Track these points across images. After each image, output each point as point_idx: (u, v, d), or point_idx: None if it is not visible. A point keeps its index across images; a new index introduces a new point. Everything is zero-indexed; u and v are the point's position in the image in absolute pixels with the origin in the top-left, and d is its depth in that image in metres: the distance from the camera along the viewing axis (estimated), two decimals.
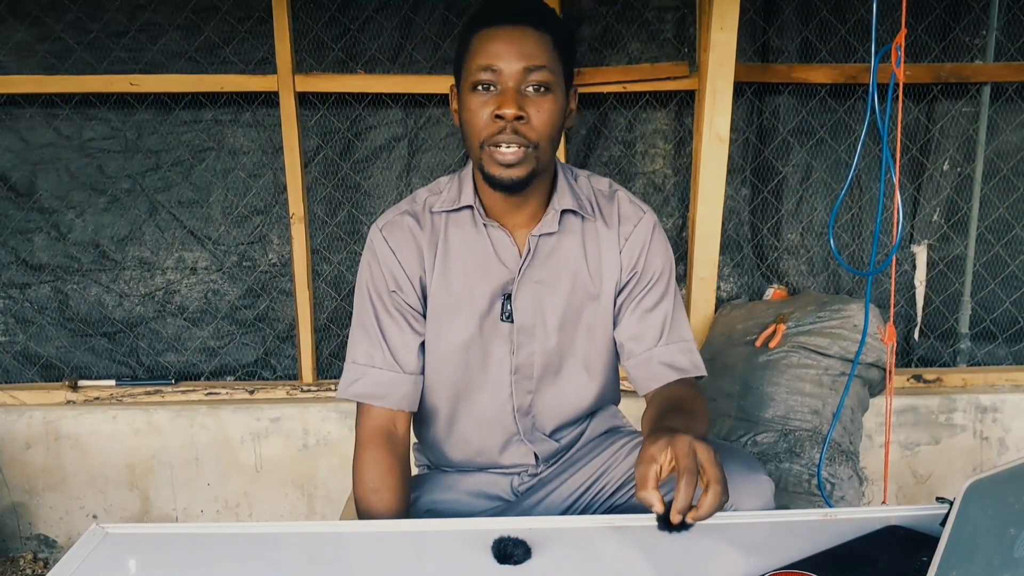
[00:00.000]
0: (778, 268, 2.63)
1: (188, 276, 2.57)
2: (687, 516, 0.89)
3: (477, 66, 1.13)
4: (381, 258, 1.25)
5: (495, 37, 1.13)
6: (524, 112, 1.12)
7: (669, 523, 0.90)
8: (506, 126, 1.12)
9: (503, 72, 1.12)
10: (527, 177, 1.16)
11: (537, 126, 1.14)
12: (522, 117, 1.12)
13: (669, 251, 1.31)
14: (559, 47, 1.16)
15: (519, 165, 1.14)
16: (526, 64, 1.12)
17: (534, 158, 1.15)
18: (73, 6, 2.39)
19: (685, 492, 0.89)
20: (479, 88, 1.14)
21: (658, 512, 0.91)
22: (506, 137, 1.13)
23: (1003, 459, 2.50)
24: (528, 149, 1.14)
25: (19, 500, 2.49)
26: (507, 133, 1.13)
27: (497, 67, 1.12)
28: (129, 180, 2.51)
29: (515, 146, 1.13)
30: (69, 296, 2.56)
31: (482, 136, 1.15)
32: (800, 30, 2.49)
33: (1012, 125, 2.53)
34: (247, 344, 2.62)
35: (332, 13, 2.43)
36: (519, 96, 1.12)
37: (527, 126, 1.13)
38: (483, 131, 1.14)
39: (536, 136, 1.14)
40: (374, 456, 1.23)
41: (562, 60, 1.16)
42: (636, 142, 2.55)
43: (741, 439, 2.09)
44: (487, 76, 1.13)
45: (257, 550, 1.01)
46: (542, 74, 1.13)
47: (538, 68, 1.12)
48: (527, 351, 1.27)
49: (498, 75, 1.12)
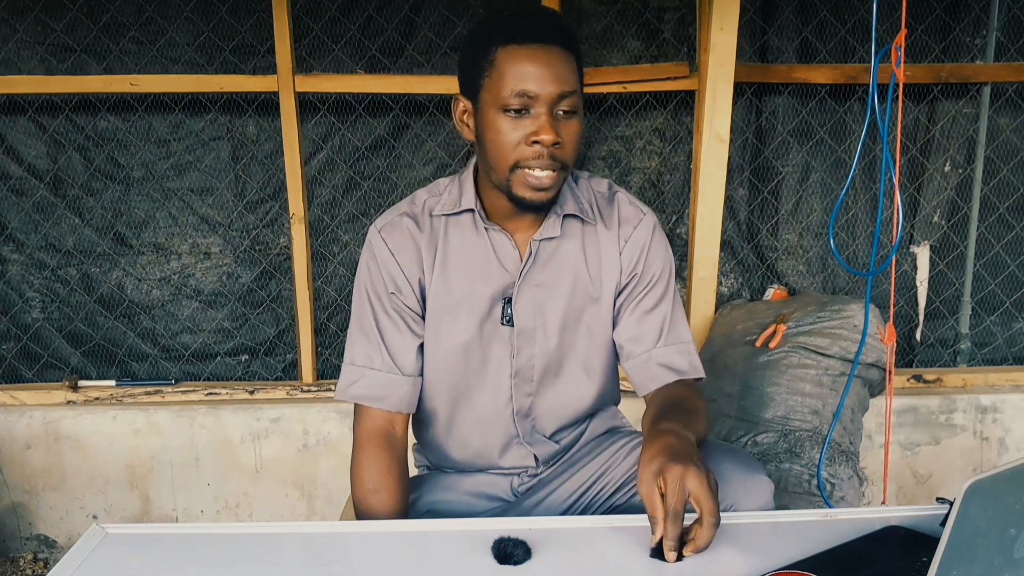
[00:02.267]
0: (777, 268, 2.63)
1: (202, 260, 2.59)
2: (683, 550, 0.92)
3: (510, 89, 1.10)
4: (380, 260, 1.25)
5: (528, 58, 1.10)
6: (560, 138, 1.12)
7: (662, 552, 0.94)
8: (543, 152, 1.12)
9: (539, 97, 1.10)
10: (555, 197, 1.17)
11: (568, 150, 1.14)
12: (559, 143, 1.12)
13: (669, 252, 1.31)
14: (579, 68, 1.15)
15: (551, 187, 1.15)
16: (561, 90, 1.10)
17: (562, 179, 1.16)
18: (73, 6, 2.40)
19: (671, 533, 0.92)
20: (511, 112, 1.11)
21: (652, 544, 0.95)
22: (543, 163, 1.12)
23: (1003, 459, 2.50)
24: (561, 173, 1.15)
25: (19, 500, 2.49)
26: (544, 159, 1.12)
27: (532, 92, 1.09)
28: (142, 168, 2.53)
29: (550, 170, 1.13)
30: (93, 278, 2.58)
31: (513, 159, 1.13)
32: (800, 30, 2.49)
33: (1012, 125, 2.53)
34: (260, 324, 2.63)
35: (332, 13, 2.43)
36: (554, 121, 1.11)
37: (560, 150, 1.13)
38: (515, 154, 1.13)
39: (568, 159, 1.14)
40: (373, 457, 1.23)
41: (581, 80, 1.16)
42: (635, 141, 2.55)
43: (741, 439, 2.09)
44: (520, 101, 1.10)
45: (257, 550, 1.01)
46: (573, 99, 1.12)
47: (571, 93, 1.11)
48: (527, 354, 1.27)
49: (533, 100, 1.10)
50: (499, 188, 1.18)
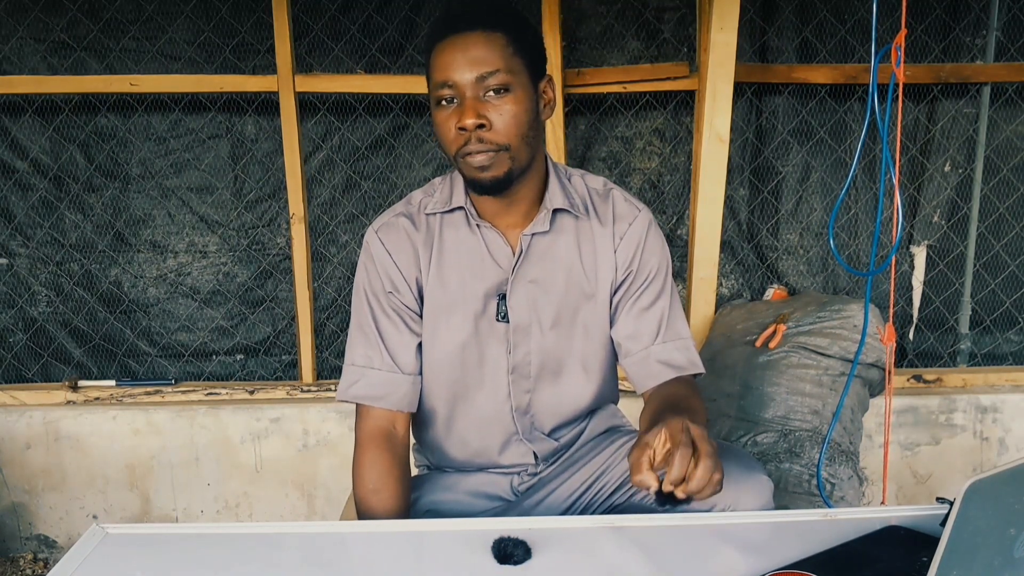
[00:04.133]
0: (778, 268, 2.63)
1: (199, 259, 2.59)
2: (679, 490, 0.90)
3: (436, 82, 1.14)
4: (377, 260, 1.26)
5: (446, 49, 1.13)
6: (485, 119, 1.12)
7: (664, 498, 0.92)
8: (470, 136, 1.13)
9: (458, 84, 1.12)
10: (505, 177, 1.16)
11: (501, 129, 1.13)
12: (483, 125, 1.12)
13: (665, 249, 1.31)
14: (516, 42, 1.14)
15: (492, 167, 1.15)
16: (478, 72, 1.11)
17: (508, 159, 1.15)
18: (73, 5, 2.40)
19: (679, 464, 0.90)
20: (442, 103, 1.15)
21: (653, 488, 0.92)
22: (473, 147, 1.13)
23: (1003, 459, 2.50)
24: (497, 153, 1.14)
25: (19, 500, 2.49)
26: (473, 143, 1.13)
27: (452, 80, 1.12)
28: (141, 167, 2.53)
29: (484, 152, 1.14)
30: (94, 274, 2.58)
31: (453, 149, 1.16)
32: (800, 30, 2.49)
33: (1012, 125, 2.53)
34: (258, 324, 2.63)
35: (332, 13, 2.43)
36: (478, 104, 1.12)
37: (490, 132, 1.13)
38: (453, 144, 1.15)
39: (503, 138, 1.14)
40: (374, 457, 1.23)
41: (522, 54, 1.15)
42: (635, 141, 2.55)
43: (741, 439, 2.09)
44: (446, 91, 1.13)
45: (257, 550, 1.01)
46: (497, 77, 1.12)
47: (491, 73, 1.12)
48: (523, 350, 1.27)
49: (454, 88, 1.13)
50: (463, 177, 1.20)
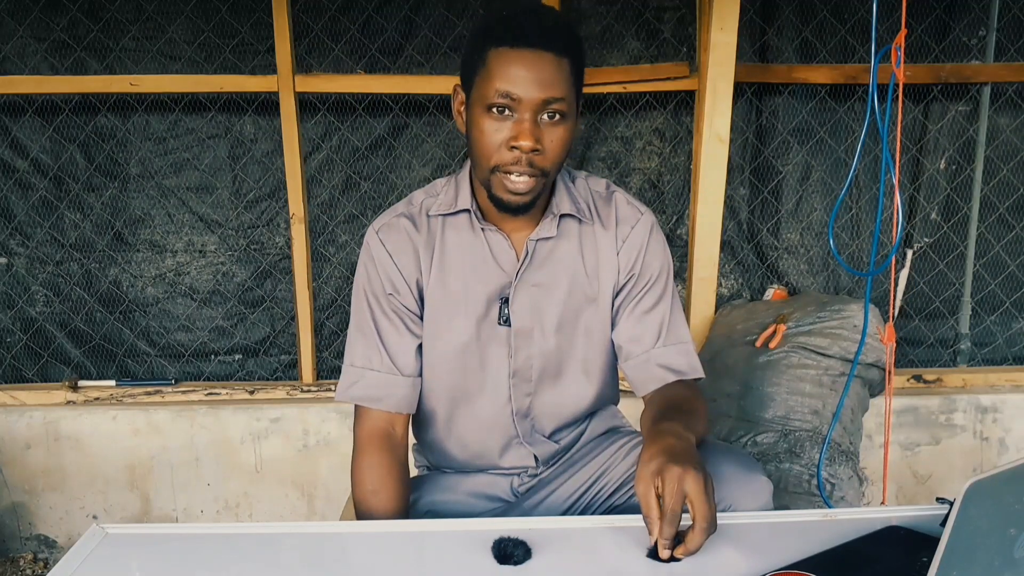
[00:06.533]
0: (778, 268, 2.63)
1: (198, 259, 2.59)
2: (676, 552, 0.92)
3: (494, 89, 1.09)
4: (378, 261, 1.25)
5: (516, 61, 1.09)
6: (540, 144, 1.11)
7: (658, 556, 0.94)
8: (521, 157, 1.11)
9: (522, 100, 1.09)
10: (533, 200, 1.17)
11: (550, 155, 1.13)
12: (538, 149, 1.11)
13: (667, 252, 1.31)
14: (577, 71, 1.14)
15: (528, 192, 1.14)
16: (546, 96, 1.09)
17: (542, 184, 1.16)
18: (73, 5, 2.40)
19: (667, 532, 0.92)
20: (494, 110, 1.11)
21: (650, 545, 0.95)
22: (520, 168, 1.12)
23: (1003, 459, 2.50)
24: (540, 179, 1.14)
25: (19, 500, 2.49)
26: (522, 165, 1.12)
27: (516, 95, 1.09)
28: (140, 166, 2.53)
29: (527, 176, 1.13)
30: (93, 274, 2.58)
31: (493, 161, 1.13)
32: (800, 30, 2.49)
33: (1012, 125, 2.53)
34: (257, 324, 2.63)
35: (332, 13, 2.43)
36: (535, 127, 1.11)
37: (541, 156, 1.12)
38: (495, 156, 1.13)
39: (549, 165, 1.14)
40: (373, 458, 1.23)
41: (576, 84, 1.15)
42: (635, 141, 2.55)
43: (741, 439, 2.09)
44: (505, 101, 1.10)
45: (257, 550, 1.01)
46: (559, 104, 1.11)
47: (556, 99, 1.10)
48: (525, 354, 1.27)
49: (516, 102, 1.10)
50: (483, 185, 1.19)
